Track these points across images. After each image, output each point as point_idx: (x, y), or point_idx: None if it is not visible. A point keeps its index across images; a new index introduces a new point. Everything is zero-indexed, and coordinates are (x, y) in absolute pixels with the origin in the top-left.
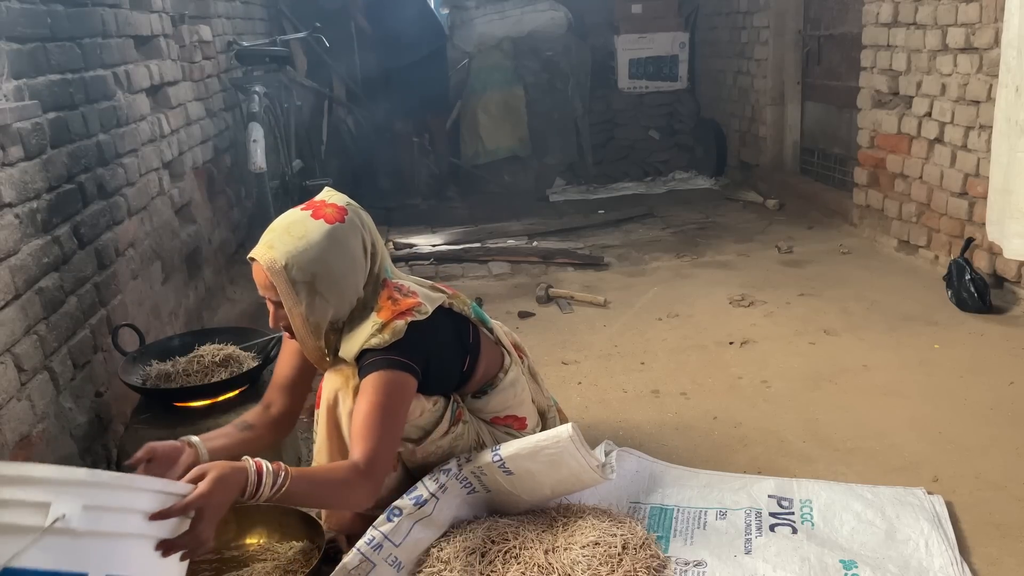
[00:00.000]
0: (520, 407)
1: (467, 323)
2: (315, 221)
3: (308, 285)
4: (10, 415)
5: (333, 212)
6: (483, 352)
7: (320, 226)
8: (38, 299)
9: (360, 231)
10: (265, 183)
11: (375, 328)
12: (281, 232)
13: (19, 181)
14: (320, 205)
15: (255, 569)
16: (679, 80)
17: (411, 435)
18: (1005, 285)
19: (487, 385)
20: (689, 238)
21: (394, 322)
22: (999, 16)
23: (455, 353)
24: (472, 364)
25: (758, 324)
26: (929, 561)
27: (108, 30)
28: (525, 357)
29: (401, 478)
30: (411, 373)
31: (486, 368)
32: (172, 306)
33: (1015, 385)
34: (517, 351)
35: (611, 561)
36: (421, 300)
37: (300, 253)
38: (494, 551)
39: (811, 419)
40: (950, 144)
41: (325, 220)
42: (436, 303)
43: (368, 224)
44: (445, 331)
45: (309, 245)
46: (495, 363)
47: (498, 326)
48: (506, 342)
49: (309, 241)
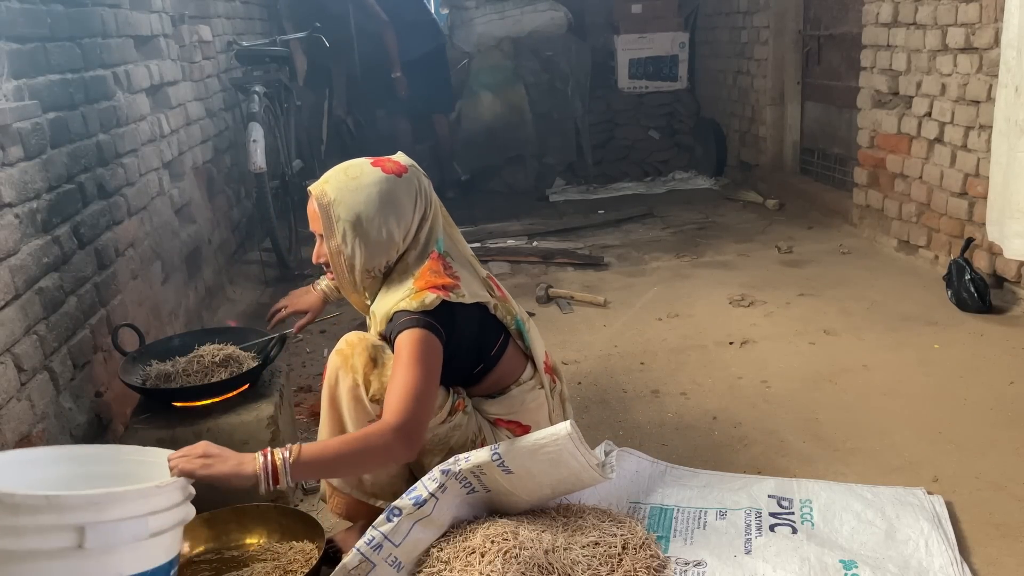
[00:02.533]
0: (526, 416)
1: (501, 332)
2: (373, 168)
3: (350, 224)
4: (10, 415)
5: (393, 167)
6: (501, 364)
7: (376, 173)
8: (38, 299)
9: (415, 192)
10: (265, 183)
11: (408, 293)
12: (339, 171)
13: (19, 181)
14: (385, 159)
15: (255, 569)
16: (679, 80)
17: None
18: (1005, 285)
19: (495, 391)
20: (689, 238)
21: (426, 292)
22: (999, 16)
23: (468, 354)
24: (483, 372)
25: (758, 324)
26: (929, 561)
27: (108, 30)
28: (559, 381)
29: (401, 477)
30: (439, 338)
31: (499, 378)
32: (172, 306)
33: (1015, 385)
34: (552, 374)
35: (611, 561)
36: (461, 285)
37: (349, 192)
38: (494, 551)
39: (811, 419)
40: (950, 144)
41: (382, 170)
42: (478, 299)
43: (426, 190)
44: (470, 328)
45: (359, 187)
46: (511, 374)
47: (540, 344)
48: (540, 361)
49: (360, 183)
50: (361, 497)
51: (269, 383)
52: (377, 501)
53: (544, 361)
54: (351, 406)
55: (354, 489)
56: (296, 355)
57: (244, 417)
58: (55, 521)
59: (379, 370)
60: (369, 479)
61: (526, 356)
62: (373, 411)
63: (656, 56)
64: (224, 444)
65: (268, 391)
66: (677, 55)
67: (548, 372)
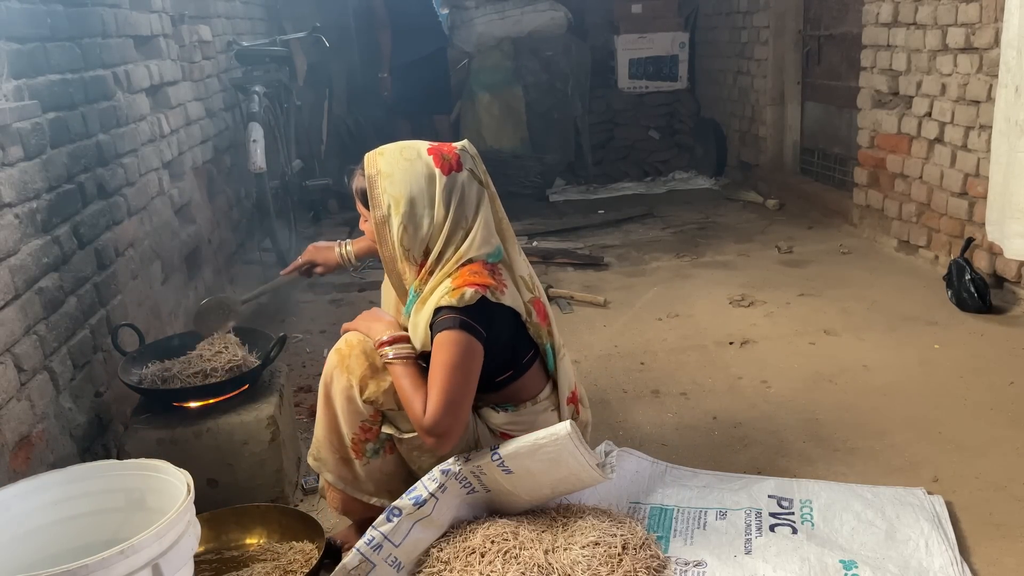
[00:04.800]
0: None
1: (532, 346)
2: (427, 157)
3: (393, 199)
4: (10, 415)
5: (447, 162)
6: (527, 376)
7: (428, 164)
8: (38, 299)
9: (451, 196)
10: (265, 183)
11: (446, 290)
12: (397, 148)
13: (19, 181)
14: (446, 149)
15: (255, 569)
16: (679, 80)
17: (400, 423)
18: (1005, 285)
19: (509, 404)
20: (689, 238)
21: (465, 288)
22: (999, 16)
23: (500, 355)
24: (509, 379)
25: (758, 324)
26: (929, 561)
27: (108, 30)
28: (584, 409)
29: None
30: (479, 340)
31: (519, 390)
32: (172, 306)
33: (1015, 385)
34: (577, 405)
35: (611, 561)
36: (502, 288)
37: (399, 172)
38: (494, 551)
39: (811, 419)
40: (950, 144)
41: (434, 161)
42: (516, 306)
43: (467, 198)
44: (506, 331)
45: (407, 171)
46: (531, 389)
47: (568, 377)
48: (566, 390)
49: (412, 169)
50: (354, 494)
51: (269, 383)
52: (370, 499)
53: (572, 391)
54: (344, 406)
55: (347, 485)
56: (296, 355)
57: (244, 417)
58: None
59: (377, 378)
60: (362, 477)
61: (548, 377)
62: (366, 411)
63: (656, 56)
64: (224, 444)
65: (268, 391)
66: (677, 55)
67: (572, 402)
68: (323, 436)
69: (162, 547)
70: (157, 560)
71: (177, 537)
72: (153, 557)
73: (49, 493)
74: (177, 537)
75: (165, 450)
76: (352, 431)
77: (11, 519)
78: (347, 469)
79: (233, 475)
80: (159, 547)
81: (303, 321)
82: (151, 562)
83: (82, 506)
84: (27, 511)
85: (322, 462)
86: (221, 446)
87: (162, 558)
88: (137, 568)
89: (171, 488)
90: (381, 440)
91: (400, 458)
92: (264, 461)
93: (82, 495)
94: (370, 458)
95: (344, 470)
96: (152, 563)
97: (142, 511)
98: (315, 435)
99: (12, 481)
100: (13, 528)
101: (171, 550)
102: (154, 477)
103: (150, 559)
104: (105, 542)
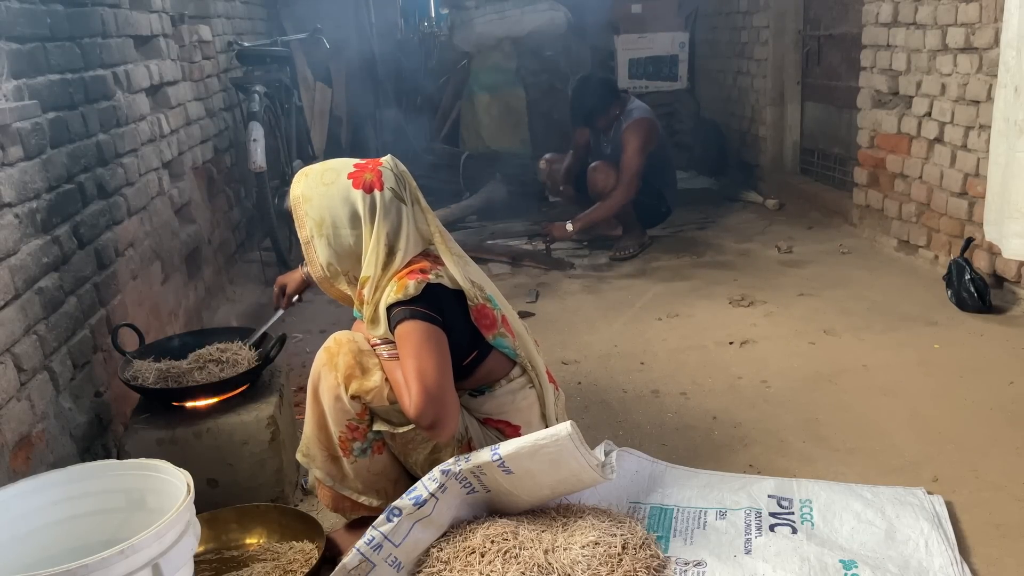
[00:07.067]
0: (516, 416)
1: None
2: (345, 180)
3: (314, 222)
4: (10, 415)
5: (367, 182)
6: (493, 356)
7: (346, 187)
8: (38, 299)
9: (373, 215)
10: (265, 183)
11: (392, 288)
12: (319, 171)
13: (19, 181)
14: (370, 168)
15: (255, 569)
16: (679, 80)
17: (392, 418)
18: (1005, 285)
19: (484, 386)
20: (689, 238)
21: (406, 280)
22: (999, 16)
23: (462, 336)
24: (475, 362)
25: (758, 324)
26: (929, 561)
27: (108, 30)
28: (560, 393)
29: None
30: (438, 325)
31: (488, 372)
32: (172, 306)
33: (1015, 385)
34: (553, 383)
35: (611, 561)
36: (441, 268)
37: (316, 196)
38: (494, 551)
39: (811, 419)
40: (950, 144)
41: (354, 184)
42: (458, 286)
43: (388, 217)
44: (460, 312)
45: (324, 196)
46: (500, 369)
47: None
48: (540, 365)
49: (328, 193)
50: (343, 491)
51: (269, 383)
52: (359, 497)
53: (545, 368)
54: (332, 404)
55: (336, 482)
56: (296, 355)
57: (244, 417)
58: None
59: (363, 376)
60: (351, 475)
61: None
62: (353, 409)
63: (656, 56)
64: (224, 444)
65: (268, 391)
66: (677, 55)
67: (552, 381)
68: (312, 433)
69: (162, 547)
70: (157, 560)
71: (177, 537)
72: (153, 557)
73: (49, 493)
74: (177, 537)
75: (165, 450)
76: (339, 429)
77: (11, 519)
78: (335, 466)
79: (233, 475)
80: (159, 547)
81: (303, 321)
82: (151, 562)
83: (82, 506)
84: (27, 511)
85: (311, 458)
86: (221, 446)
87: (162, 558)
88: (137, 568)
89: (171, 488)
90: (369, 439)
91: (389, 458)
92: (264, 461)
93: (82, 495)
94: (358, 457)
95: (332, 467)
96: (152, 563)
97: (142, 511)
98: (304, 432)
99: (12, 481)
100: (13, 528)
101: (171, 550)
102: (154, 477)
103: (150, 559)
104: (105, 542)
